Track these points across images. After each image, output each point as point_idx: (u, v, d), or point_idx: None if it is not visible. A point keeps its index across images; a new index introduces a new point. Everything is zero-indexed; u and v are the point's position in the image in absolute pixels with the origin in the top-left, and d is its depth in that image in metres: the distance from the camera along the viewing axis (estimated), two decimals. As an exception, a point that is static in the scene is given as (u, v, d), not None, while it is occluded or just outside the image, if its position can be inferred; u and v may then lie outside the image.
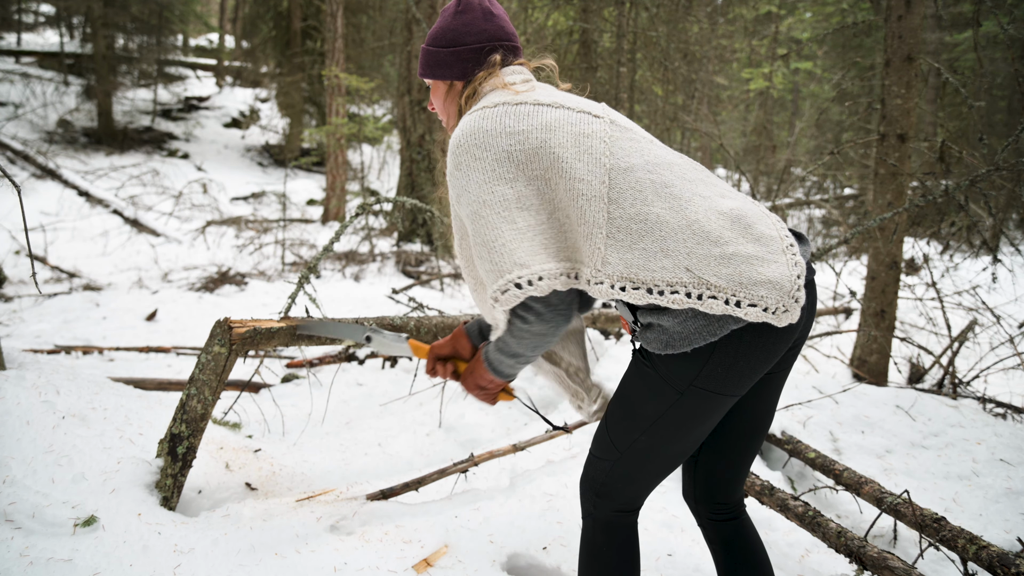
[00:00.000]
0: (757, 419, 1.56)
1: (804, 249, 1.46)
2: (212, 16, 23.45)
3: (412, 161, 9.51)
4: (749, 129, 14.88)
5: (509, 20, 1.60)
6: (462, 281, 7.14)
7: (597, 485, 1.51)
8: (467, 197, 1.39)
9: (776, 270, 1.33)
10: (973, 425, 3.25)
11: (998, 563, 1.90)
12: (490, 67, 1.53)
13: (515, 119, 1.39)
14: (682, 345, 1.33)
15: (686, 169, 1.44)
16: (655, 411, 1.41)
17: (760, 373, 1.40)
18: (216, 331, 2.23)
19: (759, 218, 1.40)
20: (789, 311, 1.32)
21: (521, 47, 1.62)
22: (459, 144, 1.41)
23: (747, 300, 1.30)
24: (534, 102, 1.42)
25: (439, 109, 1.65)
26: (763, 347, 1.36)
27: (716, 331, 1.32)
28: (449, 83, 1.60)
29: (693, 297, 1.30)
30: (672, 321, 1.33)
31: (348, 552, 2.05)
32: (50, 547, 1.86)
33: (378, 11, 13.90)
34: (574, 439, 3.14)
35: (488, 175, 1.37)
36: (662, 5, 8.16)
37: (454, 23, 1.55)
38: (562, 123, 1.40)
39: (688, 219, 1.34)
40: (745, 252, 1.33)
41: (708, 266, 1.31)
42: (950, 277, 5.65)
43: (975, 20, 4.49)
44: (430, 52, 1.58)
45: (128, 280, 7.26)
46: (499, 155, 1.37)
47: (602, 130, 1.41)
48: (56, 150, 12.06)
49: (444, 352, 1.69)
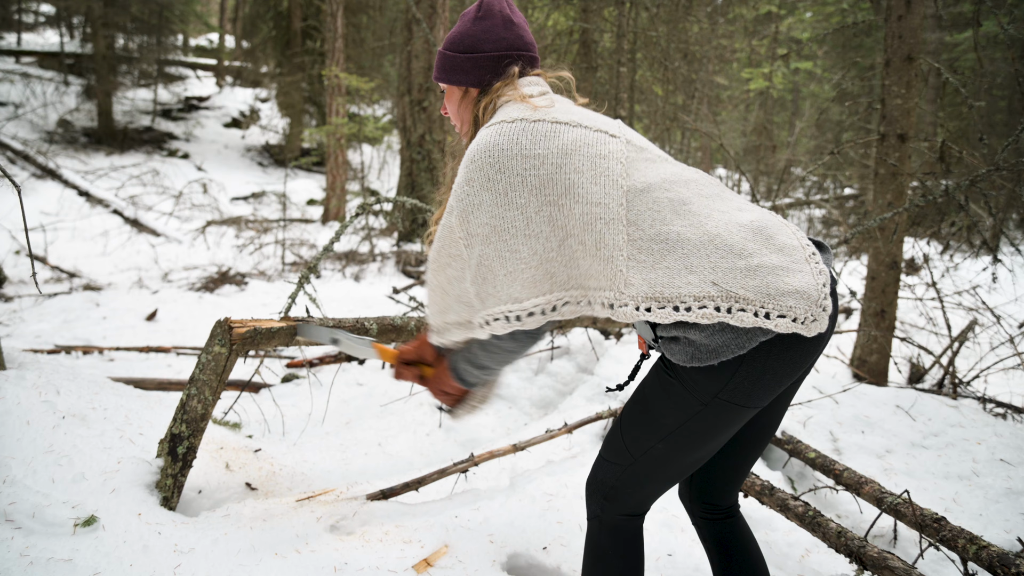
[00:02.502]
0: (763, 428, 1.55)
1: (826, 257, 1.44)
2: (212, 16, 23.45)
3: (412, 161, 9.51)
4: (749, 129, 14.87)
5: (529, 29, 1.59)
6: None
7: (606, 488, 1.50)
8: (475, 217, 1.38)
9: (802, 279, 1.31)
10: (973, 425, 3.25)
11: (998, 563, 1.90)
12: (508, 77, 1.52)
13: (532, 140, 1.37)
14: (710, 358, 1.31)
15: (702, 185, 1.43)
16: (675, 421, 1.39)
17: (785, 385, 1.38)
18: (216, 331, 2.23)
19: (779, 228, 1.39)
20: (818, 320, 1.30)
21: (539, 57, 1.61)
22: (474, 160, 1.39)
23: (776, 311, 1.28)
24: (552, 120, 1.40)
25: (452, 114, 1.64)
26: (791, 360, 1.34)
27: (745, 344, 1.30)
28: (464, 89, 1.58)
29: (723, 311, 1.28)
30: (700, 335, 1.31)
31: (348, 552, 2.05)
32: (50, 547, 1.86)
33: (378, 11, 13.89)
34: (574, 439, 3.14)
35: (500, 198, 1.36)
36: (662, 5, 8.16)
37: (473, 29, 1.54)
38: (579, 145, 1.38)
39: (709, 234, 1.33)
40: (770, 263, 1.31)
41: (735, 279, 1.29)
42: (950, 277, 5.65)
43: (975, 20, 4.49)
44: (447, 56, 1.57)
45: (128, 280, 7.26)
46: (513, 180, 1.36)
47: (619, 151, 1.40)
48: (56, 150, 12.06)
49: (410, 357, 1.68)
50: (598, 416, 3.15)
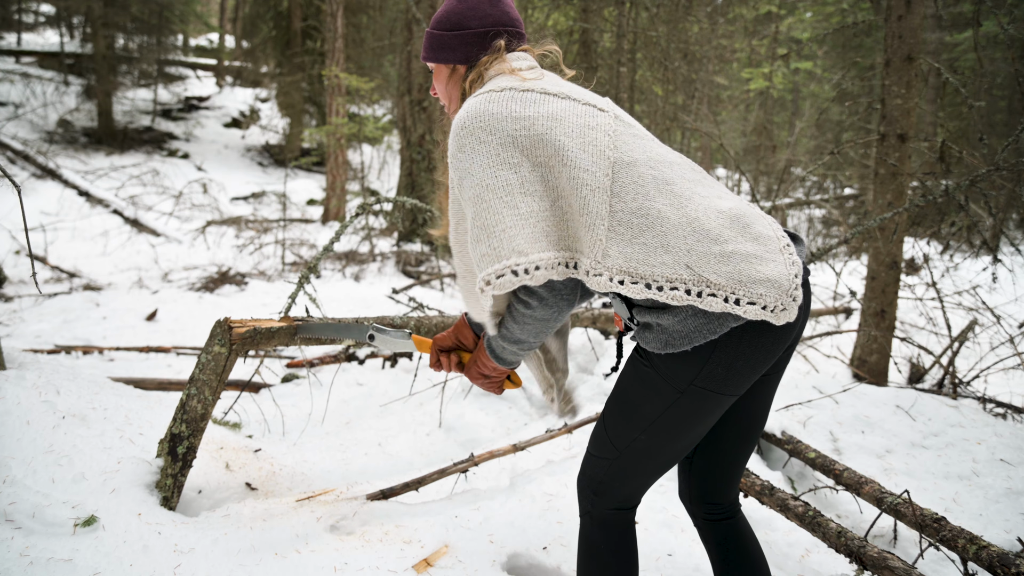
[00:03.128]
0: (752, 420, 1.56)
1: (800, 249, 1.47)
2: (212, 16, 23.44)
3: (412, 161, 9.51)
4: (749, 129, 14.87)
5: (514, 6, 1.60)
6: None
7: (595, 483, 1.52)
8: (470, 180, 1.37)
9: (774, 269, 1.34)
10: (973, 425, 3.25)
11: (998, 563, 1.90)
12: (495, 52, 1.52)
13: (521, 105, 1.38)
14: (682, 344, 1.33)
15: (685, 169, 1.45)
16: (655, 411, 1.41)
17: (759, 373, 1.40)
18: (216, 331, 2.23)
19: (756, 218, 1.41)
20: (787, 310, 1.33)
21: (526, 33, 1.61)
22: (463, 126, 1.39)
23: (746, 298, 1.30)
24: (541, 90, 1.41)
25: (441, 93, 1.64)
26: (762, 347, 1.36)
27: (716, 329, 1.32)
28: (452, 67, 1.58)
29: (693, 294, 1.31)
30: (671, 320, 1.33)
31: (348, 552, 2.05)
32: (50, 547, 1.86)
33: (378, 11, 13.89)
34: (574, 439, 3.14)
35: (492, 159, 1.36)
36: (662, 5, 8.16)
37: (459, 7, 1.55)
38: (568, 114, 1.39)
39: (688, 216, 1.34)
40: (744, 251, 1.34)
41: (708, 264, 1.31)
42: (950, 277, 5.65)
43: (975, 20, 4.49)
44: (433, 35, 1.58)
45: (128, 280, 7.26)
46: (504, 139, 1.36)
47: (607, 123, 1.41)
48: (56, 150, 12.06)
49: (447, 344, 1.67)
50: (598, 416, 3.15)
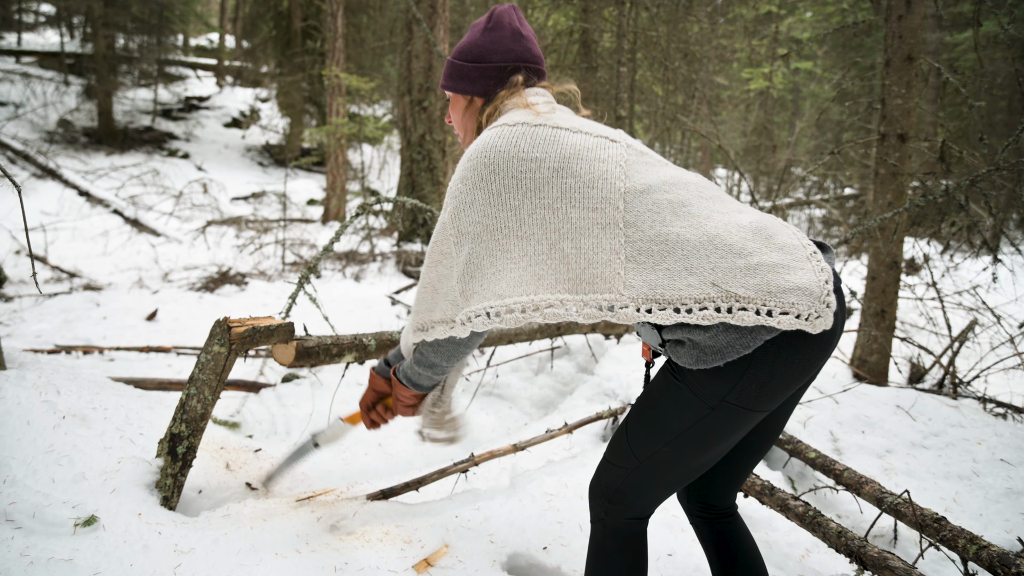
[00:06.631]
0: (767, 433, 1.54)
1: (828, 257, 1.44)
2: (212, 16, 23.45)
3: (412, 161, 9.51)
4: (749, 129, 14.88)
5: (537, 43, 1.61)
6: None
7: (611, 492, 1.49)
8: (466, 216, 1.39)
9: (803, 276, 1.30)
10: (973, 425, 3.25)
11: (998, 563, 1.90)
12: (512, 86, 1.53)
13: (531, 144, 1.38)
14: (715, 359, 1.30)
15: (702, 188, 1.43)
16: (682, 424, 1.38)
17: (793, 388, 1.36)
18: (216, 331, 2.23)
19: (779, 229, 1.39)
20: (822, 316, 1.28)
21: (546, 71, 1.62)
22: (470, 159, 1.40)
23: (778, 308, 1.27)
24: (554, 125, 1.41)
25: (456, 124, 1.65)
26: (798, 362, 1.32)
27: (749, 343, 1.29)
28: (469, 99, 1.60)
29: (723, 311, 1.28)
30: (703, 335, 1.31)
31: (348, 552, 2.05)
32: (50, 547, 1.86)
33: (378, 11, 13.89)
34: (574, 439, 3.14)
35: (493, 198, 1.37)
36: (662, 5, 8.16)
37: (483, 39, 1.56)
38: (579, 150, 1.39)
39: (709, 234, 1.33)
40: (770, 261, 1.31)
41: (735, 278, 1.29)
42: (950, 277, 5.65)
43: (975, 20, 4.49)
44: (455, 65, 1.59)
45: (128, 280, 7.26)
46: (507, 181, 1.36)
47: (618, 154, 1.41)
48: (56, 150, 12.06)
49: (370, 400, 1.72)
50: (598, 416, 3.15)
